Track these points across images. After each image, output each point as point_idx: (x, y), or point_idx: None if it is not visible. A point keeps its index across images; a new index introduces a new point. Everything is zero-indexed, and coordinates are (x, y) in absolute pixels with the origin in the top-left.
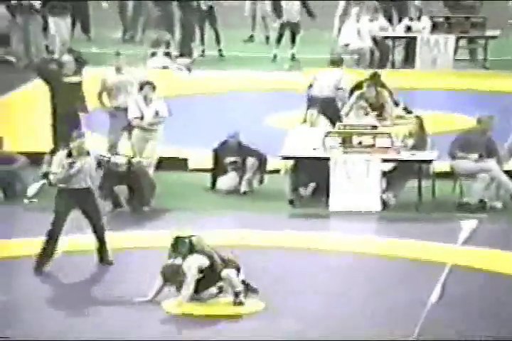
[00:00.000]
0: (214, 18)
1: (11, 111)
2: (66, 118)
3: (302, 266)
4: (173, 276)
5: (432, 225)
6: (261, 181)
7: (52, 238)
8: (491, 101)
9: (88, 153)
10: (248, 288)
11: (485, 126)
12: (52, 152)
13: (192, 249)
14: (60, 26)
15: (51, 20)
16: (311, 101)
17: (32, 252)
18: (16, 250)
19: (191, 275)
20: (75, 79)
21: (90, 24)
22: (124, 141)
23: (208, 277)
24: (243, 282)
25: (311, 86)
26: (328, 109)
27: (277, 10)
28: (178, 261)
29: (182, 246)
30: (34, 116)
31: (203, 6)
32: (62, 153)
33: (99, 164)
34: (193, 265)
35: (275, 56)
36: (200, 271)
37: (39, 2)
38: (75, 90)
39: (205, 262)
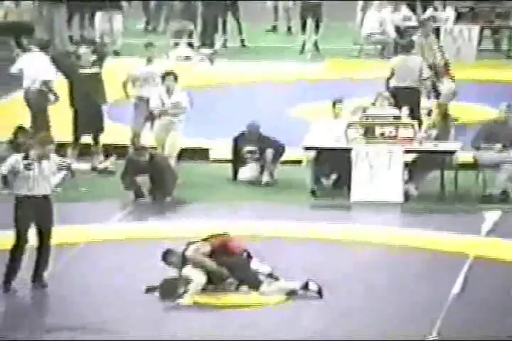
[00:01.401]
0: (236, 8)
1: None
2: (85, 111)
3: (323, 257)
4: (172, 291)
5: (454, 216)
6: (273, 171)
7: (17, 254)
8: None
9: (49, 158)
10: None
11: (507, 116)
12: (73, 145)
13: (184, 262)
14: (110, 21)
15: (99, 15)
16: (392, 92)
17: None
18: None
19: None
20: (91, 70)
21: None
22: (146, 132)
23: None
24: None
25: (390, 76)
26: (410, 99)
27: None
28: (173, 273)
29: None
30: (56, 107)
31: None
32: (17, 156)
33: (58, 170)
34: (197, 251)
35: (304, 44)
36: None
37: None
38: (92, 82)
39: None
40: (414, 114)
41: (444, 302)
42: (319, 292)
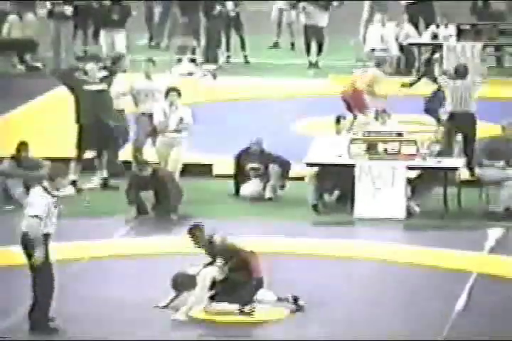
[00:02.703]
0: (240, 24)
1: (37, 117)
2: (90, 126)
3: (326, 274)
4: (184, 285)
5: (457, 233)
6: (282, 187)
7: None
8: None
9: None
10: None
11: (509, 133)
12: (77, 160)
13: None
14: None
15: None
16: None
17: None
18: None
19: (202, 286)
20: (98, 87)
21: None
22: (148, 147)
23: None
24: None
25: (432, 98)
26: (467, 125)
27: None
28: (192, 270)
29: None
30: (59, 122)
31: (231, 13)
32: (38, 189)
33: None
34: (207, 275)
35: (310, 63)
36: (213, 282)
37: (71, 9)
38: (100, 98)
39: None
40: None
41: (448, 319)
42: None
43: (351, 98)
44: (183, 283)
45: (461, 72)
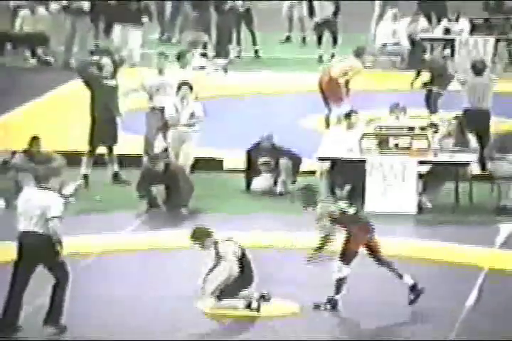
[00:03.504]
0: (251, 19)
1: (49, 111)
2: (104, 121)
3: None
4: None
5: (468, 228)
6: (293, 182)
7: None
8: None
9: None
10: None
11: None
12: (89, 154)
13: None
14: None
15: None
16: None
17: (69, 252)
18: None
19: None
20: (112, 82)
21: None
22: (159, 142)
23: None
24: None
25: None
26: (482, 122)
27: (311, 9)
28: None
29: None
30: (71, 117)
31: (240, 8)
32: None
33: None
34: (224, 272)
35: (321, 57)
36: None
37: (88, 4)
38: (112, 93)
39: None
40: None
41: (459, 314)
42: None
43: (327, 88)
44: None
45: (478, 68)
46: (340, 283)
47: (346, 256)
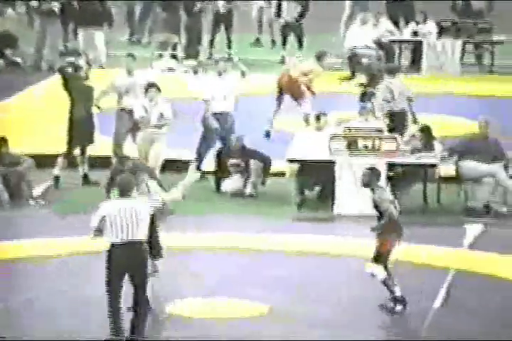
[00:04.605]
0: (230, 22)
1: (17, 112)
2: (82, 122)
3: (306, 270)
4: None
5: (436, 229)
6: (263, 183)
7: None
8: (498, 105)
9: None
10: None
11: (483, 130)
12: (66, 155)
13: None
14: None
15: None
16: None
17: (38, 253)
18: (20, 251)
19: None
20: (88, 83)
21: None
22: (129, 143)
23: None
24: None
25: (365, 94)
26: (399, 121)
27: (279, 11)
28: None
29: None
30: (40, 118)
31: (221, 9)
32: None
33: None
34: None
35: (283, 58)
36: None
37: (58, 6)
38: (89, 93)
39: None
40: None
41: (427, 314)
42: None
43: (286, 87)
44: None
45: (391, 70)
46: (385, 283)
47: (380, 257)
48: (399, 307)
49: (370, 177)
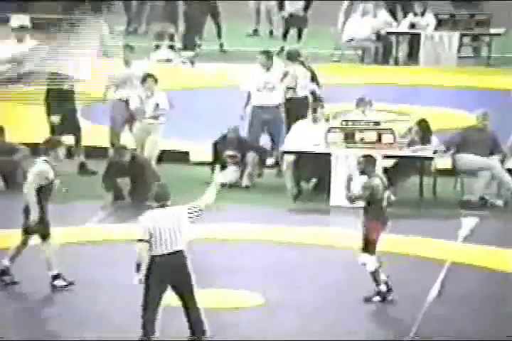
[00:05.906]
0: (217, 11)
1: (12, 102)
2: (59, 111)
3: (301, 261)
4: None
5: (432, 222)
6: (259, 175)
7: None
8: (495, 98)
9: None
10: None
11: (481, 122)
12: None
13: None
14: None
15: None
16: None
17: (34, 243)
18: (16, 241)
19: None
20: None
21: None
22: (125, 134)
23: None
24: None
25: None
26: (302, 109)
27: (281, 3)
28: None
29: None
30: (35, 107)
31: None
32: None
33: None
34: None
35: (282, 49)
36: None
37: None
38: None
39: None
40: None
41: (421, 306)
42: None
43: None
44: None
45: (290, 56)
46: (374, 275)
47: (369, 246)
48: (376, 298)
49: (366, 165)
